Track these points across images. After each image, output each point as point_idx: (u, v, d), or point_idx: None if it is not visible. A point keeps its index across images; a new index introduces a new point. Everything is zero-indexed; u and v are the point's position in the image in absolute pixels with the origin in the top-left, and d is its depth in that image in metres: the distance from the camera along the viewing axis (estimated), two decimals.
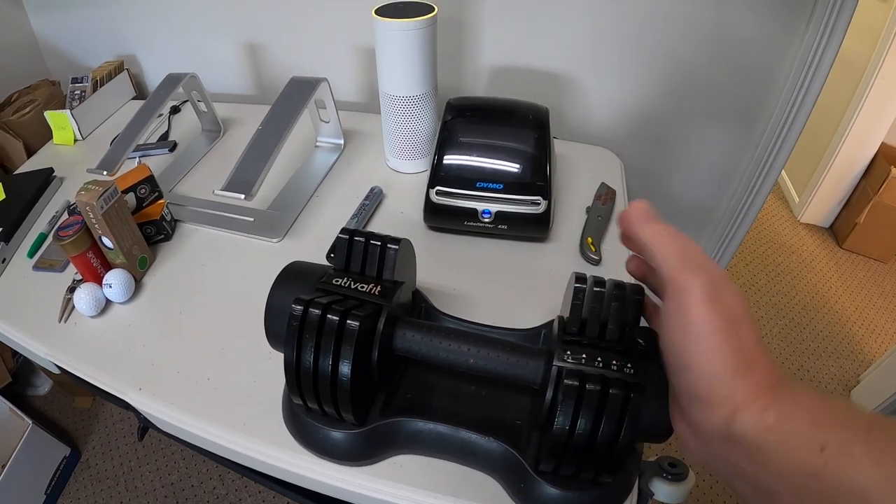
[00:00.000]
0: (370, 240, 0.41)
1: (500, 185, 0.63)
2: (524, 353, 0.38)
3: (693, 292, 0.27)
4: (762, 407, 0.24)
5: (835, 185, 1.98)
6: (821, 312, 1.74)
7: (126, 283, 0.63)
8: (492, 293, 0.61)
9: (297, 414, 0.44)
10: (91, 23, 1.12)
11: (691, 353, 0.27)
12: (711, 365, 0.26)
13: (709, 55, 0.81)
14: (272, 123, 0.69)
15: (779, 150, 0.86)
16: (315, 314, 0.35)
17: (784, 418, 0.24)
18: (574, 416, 0.32)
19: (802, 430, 0.23)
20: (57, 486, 1.28)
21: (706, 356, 0.26)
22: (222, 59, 1.08)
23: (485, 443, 0.40)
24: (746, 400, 0.25)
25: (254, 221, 0.73)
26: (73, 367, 0.58)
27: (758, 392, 0.25)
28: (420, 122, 0.75)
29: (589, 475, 0.35)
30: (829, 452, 0.22)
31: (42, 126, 0.99)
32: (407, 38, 0.65)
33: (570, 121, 0.95)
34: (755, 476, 0.24)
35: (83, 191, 0.60)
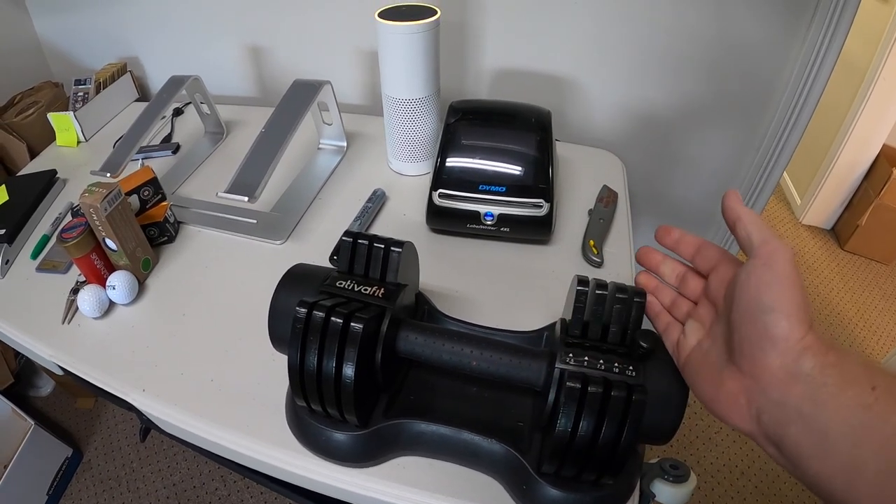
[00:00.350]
0: (373, 242, 0.42)
1: (503, 188, 0.63)
2: (526, 355, 0.39)
3: (785, 253, 0.31)
4: (826, 348, 0.28)
5: (836, 187, 1.98)
6: (822, 314, 1.74)
7: (129, 285, 0.63)
8: (494, 295, 0.62)
9: (300, 415, 0.44)
10: (94, 25, 1.13)
11: (780, 297, 0.30)
12: (796, 308, 0.29)
13: (710, 58, 0.82)
14: (275, 126, 0.69)
15: (780, 152, 0.86)
16: (319, 317, 0.36)
17: (842, 359, 0.27)
18: (576, 418, 0.32)
19: (857, 370, 0.27)
20: (59, 487, 1.28)
21: (792, 301, 0.29)
22: (225, 61, 1.08)
23: (487, 444, 0.40)
24: (814, 343, 0.28)
25: (257, 224, 0.73)
26: (77, 368, 0.58)
27: (821, 337, 0.29)
28: (423, 124, 0.75)
29: (590, 477, 0.35)
30: (880, 391, 0.25)
31: (45, 128, 0.99)
32: (410, 41, 0.66)
33: (572, 123, 0.95)
34: (812, 416, 0.27)
35: (87, 193, 0.60)
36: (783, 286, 0.30)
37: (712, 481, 1.29)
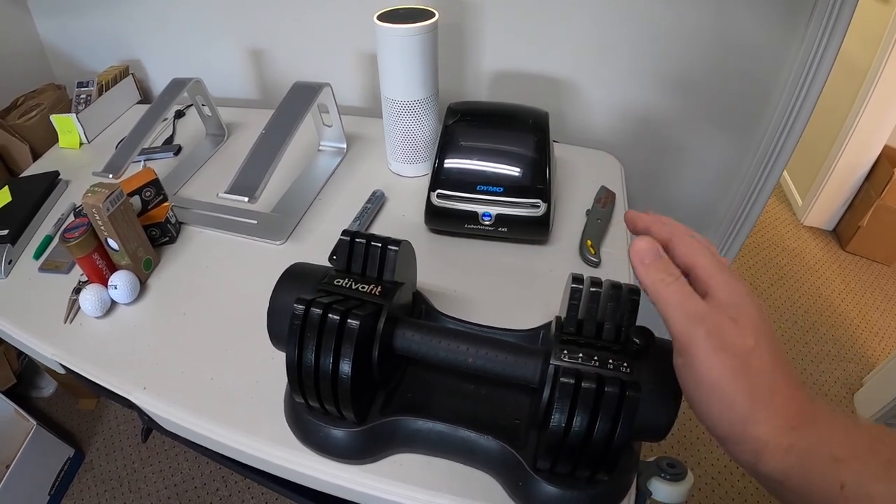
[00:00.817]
0: (371, 241, 0.42)
1: (501, 189, 0.63)
2: (522, 352, 0.39)
3: (696, 347, 0.27)
4: (784, 448, 0.25)
5: (838, 188, 1.98)
6: (824, 315, 1.74)
7: (131, 285, 0.64)
8: (492, 295, 0.62)
9: (298, 412, 0.45)
10: (97, 28, 1.14)
11: (705, 405, 0.28)
12: (727, 412, 0.27)
13: (708, 58, 0.82)
14: (275, 128, 0.70)
15: (779, 153, 0.86)
16: (316, 314, 0.36)
17: (805, 455, 0.25)
18: (570, 413, 0.33)
19: (823, 468, 0.24)
20: (60, 487, 1.29)
21: (719, 406, 0.27)
22: (227, 63, 1.09)
23: (483, 441, 0.41)
24: (768, 442, 0.25)
25: (257, 224, 0.73)
26: (79, 366, 0.59)
27: (778, 431, 0.25)
28: (421, 126, 0.75)
29: (585, 473, 0.35)
30: (849, 490, 0.23)
31: (48, 130, 1.00)
32: (408, 43, 0.66)
33: (571, 125, 0.96)
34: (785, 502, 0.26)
35: (89, 193, 0.61)
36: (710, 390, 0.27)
37: (713, 482, 1.29)
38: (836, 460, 0.24)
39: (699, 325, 0.28)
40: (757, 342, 0.27)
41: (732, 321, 0.28)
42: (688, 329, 0.28)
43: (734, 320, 0.28)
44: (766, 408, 0.26)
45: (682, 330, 0.28)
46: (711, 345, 0.27)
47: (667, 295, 0.29)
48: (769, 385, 0.26)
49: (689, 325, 0.28)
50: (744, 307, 0.28)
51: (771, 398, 0.26)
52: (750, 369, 0.26)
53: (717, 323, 0.28)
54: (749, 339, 0.27)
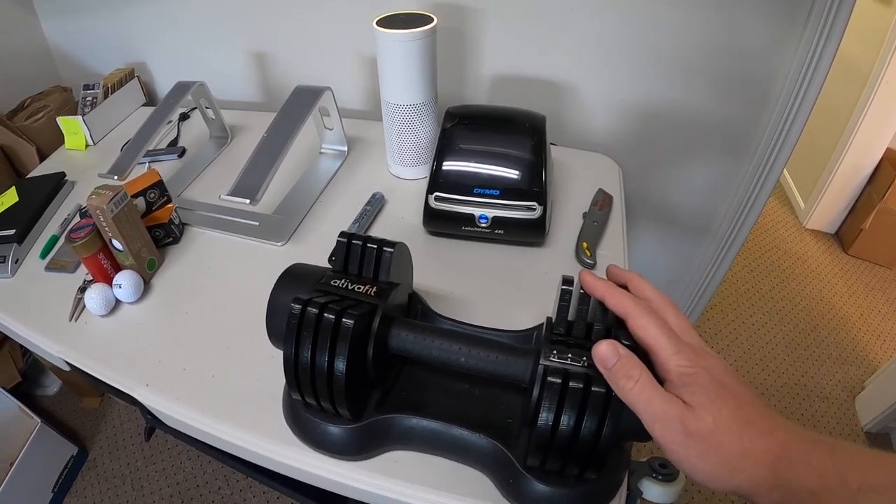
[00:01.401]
0: (367, 243, 0.43)
1: (497, 192, 0.64)
2: (513, 352, 0.40)
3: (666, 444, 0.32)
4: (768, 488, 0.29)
5: (840, 191, 1.98)
6: (826, 318, 1.74)
7: (135, 284, 0.65)
8: (488, 296, 0.63)
9: (296, 409, 0.46)
10: (103, 31, 1.15)
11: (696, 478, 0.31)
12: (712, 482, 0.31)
13: (706, 62, 0.83)
14: (277, 131, 0.71)
15: (777, 155, 0.86)
16: (312, 313, 0.37)
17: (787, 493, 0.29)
18: (557, 412, 0.33)
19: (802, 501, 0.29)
20: (64, 485, 1.30)
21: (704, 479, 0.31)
22: (230, 67, 1.10)
23: (475, 439, 0.42)
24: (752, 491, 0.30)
25: (259, 225, 0.75)
26: (83, 363, 0.60)
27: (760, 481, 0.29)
28: (420, 129, 0.76)
29: (574, 471, 0.36)
30: None
31: (54, 131, 1.01)
32: (407, 48, 0.67)
33: (569, 128, 0.97)
34: None
35: (94, 195, 0.62)
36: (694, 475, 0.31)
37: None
38: (811, 493, 0.28)
39: (663, 425, 0.32)
40: (716, 417, 0.31)
41: (689, 408, 0.31)
42: (654, 430, 0.32)
43: (689, 406, 0.31)
44: (742, 469, 0.30)
45: (652, 430, 0.32)
46: (678, 438, 0.31)
47: (633, 400, 0.33)
48: (740, 450, 0.30)
49: (655, 427, 0.32)
50: (696, 382, 0.32)
51: (745, 460, 0.30)
52: (718, 445, 0.30)
53: (676, 417, 0.31)
54: (707, 419, 0.31)
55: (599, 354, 0.34)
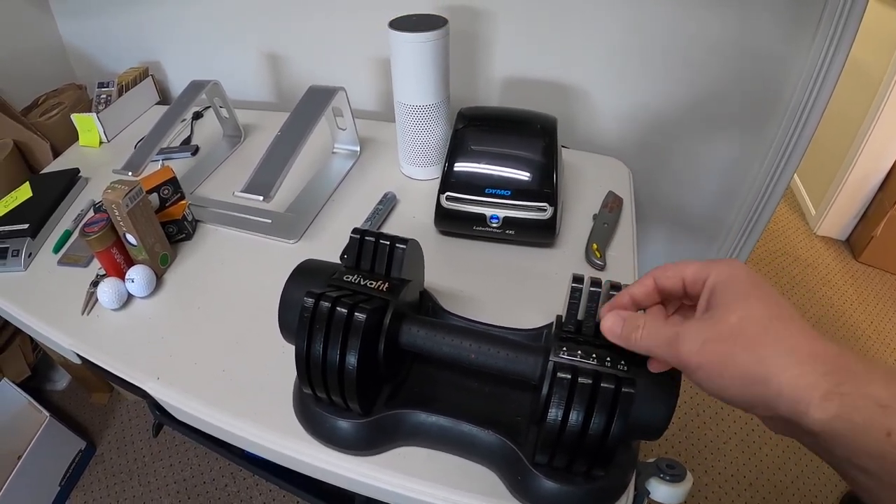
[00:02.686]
0: (380, 239, 0.44)
1: (508, 192, 0.65)
2: (523, 349, 0.40)
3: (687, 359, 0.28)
4: (822, 396, 0.24)
5: (851, 198, 1.96)
6: (836, 326, 1.72)
7: (147, 279, 0.66)
8: (498, 295, 0.63)
9: (306, 403, 0.46)
10: (117, 30, 1.17)
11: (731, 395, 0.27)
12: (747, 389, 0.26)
13: (718, 67, 0.83)
14: (291, 130, 0.72)
15: (787, 161, 0.86)
16: (325, 307, 0.38)
17: (847, 403, 0.23)
18: (566, 408, 0.34)
19: (868, 415, 0.23)
20: (71, 479, 1.31)
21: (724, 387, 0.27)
22: (244, 67, 1.11)
23: (484, 436, 0.42)
24: (805, 395, 0.24)
25: (271, 223, 0.75)
26: (95, 356, 0.61)
27: (816, 384, 0.24)
28: (433, 130, 0.77)
29: (582, 468, 0.36)
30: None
31: (68, 128, 1.03)
32: (420, 49, 0.68)
33: (580, 131, 0.97)
34: (828, 457, 0.25)
35: (110, 189, 0.63)
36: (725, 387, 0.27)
37: (720, 491, 1.28)
38: (881, 407, 0.23)
39: (676, 342, 0.29)
40: (744, 314, 0.27)
41: (707, 312, 0.29)
42: (670, 350, 0.30)
43: (709, 310, 0.29)
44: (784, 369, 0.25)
45: (668, 354, 0.30)
46: (695, 348, 0.28)
47: (645, 341, 0.32)
48: (782, 346, 0.25)
49: (671, 349, 0.30)
50: (719, 289, 0.29)
51: (788, 358, 0.25)
52: (749, 342, 0.26)
53: (690, 328, 0.29)
54: (730, 317, 0.27)
55: (607, 328, 0.34)
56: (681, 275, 0.32)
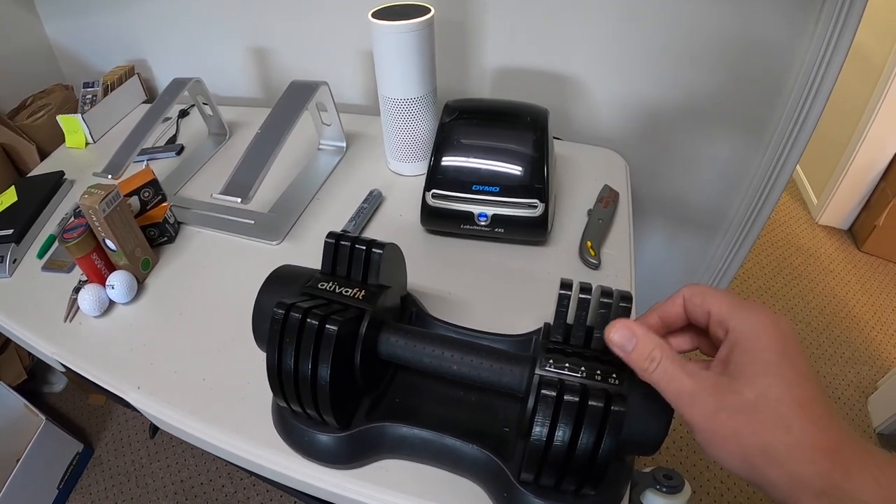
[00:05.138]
0: (355, 244, 0.41)
1: (497, 188, 0.62)
2: (508, 360, 0.38)
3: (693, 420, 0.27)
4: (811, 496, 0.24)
5: (853, 187, 1.93)
6: (838, 317, 1.70)
7: (128, 285, 0.64)
8: (488, 297, 0.61)
9: (284, 416, 0.44)
10: (104, 28, 1.15)
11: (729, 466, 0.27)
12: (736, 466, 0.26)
13: (717, 56, 0.80)
14: (271, 127, 0.69)
15: (790, 151, 0.84)
16: (295, 318, 0.36)
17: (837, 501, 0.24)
18: (552, 426, 0.32)
19: None
20: (70, 481, 1.31)
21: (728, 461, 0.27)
22: (231, 63, 1.09)
23: (469, 450, 0.40)
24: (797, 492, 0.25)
25: (254, 224, 0.73)
26: (77, 365, 0.59)
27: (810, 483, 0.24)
28: (419, 124, 0.74)
29: (570, 487, 0.34)
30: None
31: (55, 129, 1.01)
32: (403, 40, 0.65)
33: (574, 122, 0.94)
34: None
35: (86, 194, 0.61)
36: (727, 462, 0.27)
37: (721, 486, 1.27)
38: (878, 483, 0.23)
39: (690, 400, 0.28)
40: (761, 393, 0.26)
41: (726, 379, 0.27)
42: (680, 403, 0.28)
43: (727, 369, 0.27)
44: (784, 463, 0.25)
45: (675, 405, 0.29)
46: (706, 412, 0.27)
47: (655, 381, 0.30)
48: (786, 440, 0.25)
49: (681, 402, 0.28)
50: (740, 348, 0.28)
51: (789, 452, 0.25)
52: (758, 426, 0.25)
53: (706, 389, 0.27)
54: (746, 393, 0.26)
55: (616, 342, 0.31)
56: (707, 308, 0.31)
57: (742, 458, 0.26)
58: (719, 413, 0.26)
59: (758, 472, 0.25)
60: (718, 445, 0.26)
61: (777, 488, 0.25)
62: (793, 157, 0.84)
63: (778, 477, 0.25)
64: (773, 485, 0.25)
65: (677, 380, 0.28)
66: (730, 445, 0.26)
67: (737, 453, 0.26)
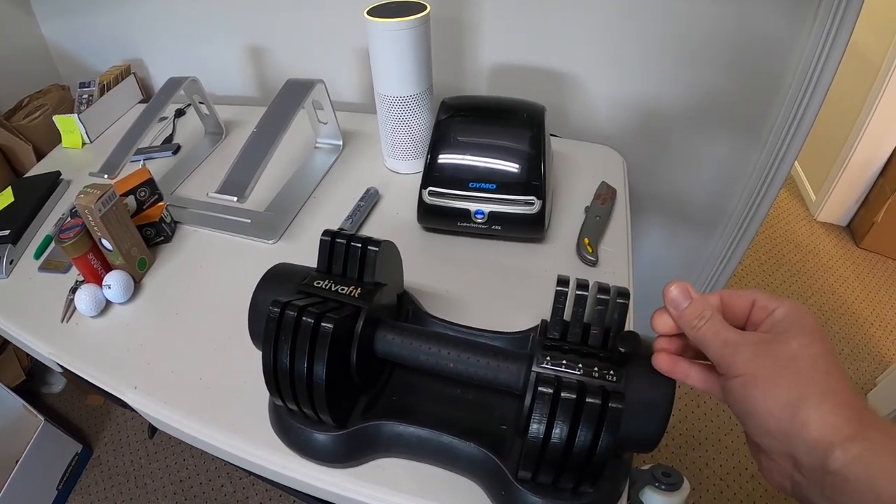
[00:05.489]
0: (351, 242, 0.41)
1: (494, 185, 0.62)
2: (505, 358, 0.38)
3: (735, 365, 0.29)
4: (846, 439, 0.25)
5: (852, 183, 1.93)
6: (837, 313, 1.70)
7: (125, 284, 0.64)
8: (485, 295, 0.61)
9: (281, 415, 0.44)
10: (100, 28, 1.14)
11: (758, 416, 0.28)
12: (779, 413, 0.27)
13: (715, 53, 0.80)
14: (267, 126, 0.69)
15: (788, 148, 0.84)
16: (291, 316, 0.35)
17: (868, 451, 0.25)
18: (549, 423, 0.31)
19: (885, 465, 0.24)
20: (69, 482, 1.31)
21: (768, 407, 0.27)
22: (227, 62, 1.09)
23: (466, 448, 0.40)
24: (830, 434, 0.26)
25: (251, 223, 0.73)
26: (74, 366, 0.59)
27: (842, 427, 0.26)
28: (415, 122, 0.74)
29: (568, 484, 0.34)
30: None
31: (52, 130, 1.01)
32: (398, 37, 0.65)
33: (572, 118, 0.94)
34: None
35: (82, 194, 0.61)
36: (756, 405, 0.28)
37: (721, 483, 1.26)
38: None
39: (735, 347, 0.29)
40: (803, 347, 0.28)
41: (773, 334, 0.29)
42: (724, 352, 0.30)
43: (776, 333, 0.29)
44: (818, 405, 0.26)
45: (719, 355, 0.30)
46: (748, 357, 0.29)
47: (702, 335, 0.31)
48: (823, 386, 0.27)
49: (725, 349, 0.30)
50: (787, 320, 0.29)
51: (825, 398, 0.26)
52: (797, 371, 0.27)
53: (751, 338, 0.29)
54: (791, 343, 0.28)
55: (670, 297, 0.32)
56: (752, 296, 0.33)
57: (774, 401, 0.27)
58: (762, 358, 0.28)
59: (787, 414, 0.27)
60: (756, 386, 0.28)
61: (809, 429, 0.26)
62: (791, 154, 0.84)
63: (808, 419, 0.26)
64: (805, 426, 0.26)
65: (724, 333, 0.30)
66: (768, 387, 0.27)
67: (770, 395, 0.27)
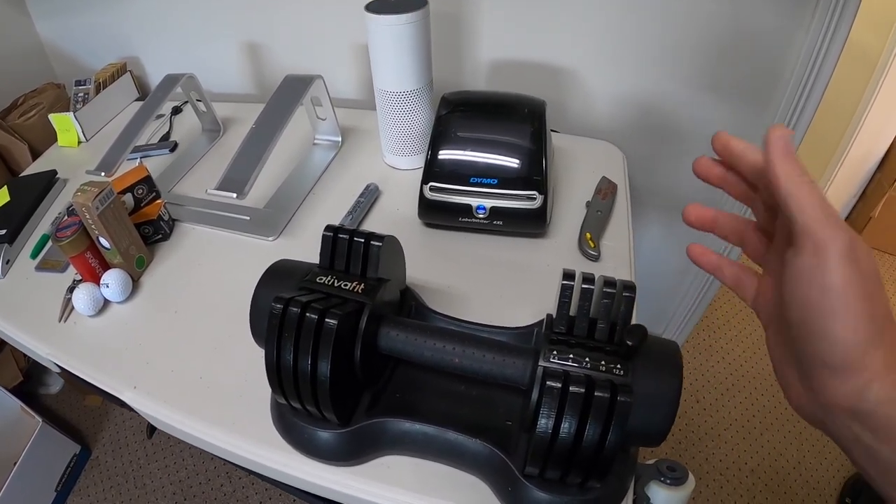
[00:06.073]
0: (354, 237, 0.41)
1: (495, 181, 0.62)
2: (511, 352, 0.38)
3: (834, 250, 0.24)
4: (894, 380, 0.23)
5: (849, 179, 1.93)
6: None
7: (123, 283, 0.63)
8: (487, 291, 0.60)
9: (283, 413, 0.44)
10: (96, 26, 1.13)
11: (828, 319, 0.25)
12: (851, 333, 0.24)
13: (714, 47, 0.79)
14: (266, 122, 0.69)
15: None
16: (294, 312, 0.35)
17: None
18: (557, 418, 0.31)
19: None
20: (67, 484, 1.30)
21: (846, 324, 0.24)
22: (224, 59, 1.08)
23: (471, 444, 0.39)
24: (880, 371, 0.24)
25: (250, 220, 0.72)
26: (72, 366, 0.59)
27: (891, 363, 0.24)
28: (415, 117, 0.74)
29: (576, 480, 0.34)
30: None
31: (47, 129, 1.00)
32: (398, 33, 0.65)
33: (571, 114, 0.94)
34: (877, 450, 0.24)
35: (79, 192, 0.60)
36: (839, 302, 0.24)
37: (721, 479, 1.27)
38: None
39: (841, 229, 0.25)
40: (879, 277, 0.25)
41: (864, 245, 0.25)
42: (829, 229, 0.25)
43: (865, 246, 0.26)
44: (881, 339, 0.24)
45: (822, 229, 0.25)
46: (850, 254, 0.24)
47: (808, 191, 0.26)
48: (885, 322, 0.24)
49: (831, 225, 0.25)
50: None
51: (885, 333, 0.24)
52: (874, 297, 0.25)
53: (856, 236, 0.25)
54: (875, 268, 0.25)
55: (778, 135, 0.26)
56: None
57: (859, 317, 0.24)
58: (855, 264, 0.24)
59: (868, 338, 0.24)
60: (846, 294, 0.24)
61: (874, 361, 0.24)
62: None
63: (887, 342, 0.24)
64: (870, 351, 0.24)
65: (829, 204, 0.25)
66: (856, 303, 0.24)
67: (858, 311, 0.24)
